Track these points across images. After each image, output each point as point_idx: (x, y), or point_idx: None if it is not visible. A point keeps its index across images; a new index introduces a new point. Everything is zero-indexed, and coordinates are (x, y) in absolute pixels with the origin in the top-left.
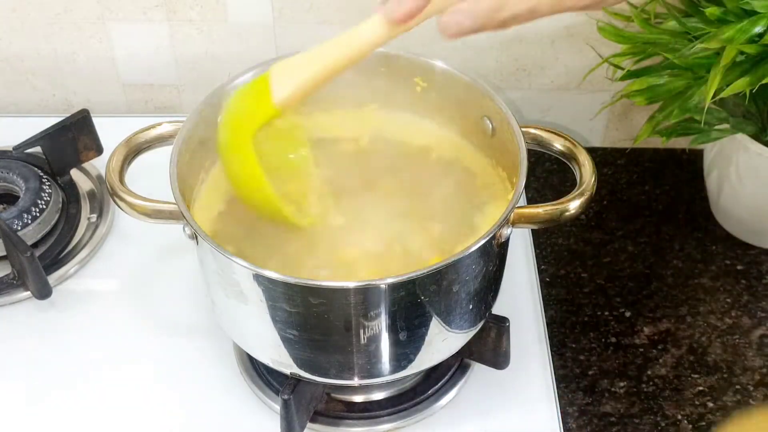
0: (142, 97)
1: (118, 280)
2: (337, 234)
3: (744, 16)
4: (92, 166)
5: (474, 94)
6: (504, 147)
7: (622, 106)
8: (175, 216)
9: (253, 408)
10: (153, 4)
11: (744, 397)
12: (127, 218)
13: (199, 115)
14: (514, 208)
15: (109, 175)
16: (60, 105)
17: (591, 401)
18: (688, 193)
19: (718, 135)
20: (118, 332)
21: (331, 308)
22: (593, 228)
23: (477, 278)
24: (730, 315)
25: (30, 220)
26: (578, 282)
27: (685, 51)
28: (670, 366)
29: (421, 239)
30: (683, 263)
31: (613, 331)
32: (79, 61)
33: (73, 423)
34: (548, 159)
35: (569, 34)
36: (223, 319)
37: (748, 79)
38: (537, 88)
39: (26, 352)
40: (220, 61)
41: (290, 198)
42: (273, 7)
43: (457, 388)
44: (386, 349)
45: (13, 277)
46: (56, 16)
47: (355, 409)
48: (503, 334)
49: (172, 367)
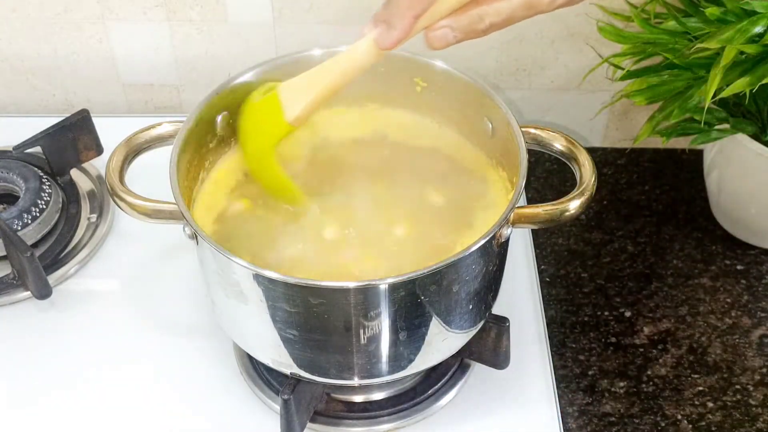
0: (142, 97)
1: (118, 280)
2: (335, 233)
3: (744, 16)
4: (92, 166)
5: (474, 94)
6: (504, 147)
7: (622, 106)
8: (175, 216)
9: (253, 408)
10: (153, 4)
11: (744, 397)
12: (127, 218)
13: (199, 115)
14: (514, 208)
15: (109, 175)
16: (60, 105)
17: (591, 401)
18: (688, 193)
19: (718, 135)
20: (118, 332)
21: (331, 308)
22: (593, 228)
23: (477, 278)
24: (730, 315)
25: (30, 220)
26: (578, 282)
27: (685, 51)
28: (670, 366)
29: (420, 239)
30: (683, 263)
31: (613, 331)
32: (79, 61)
33: (73, 423)
34: (548, 159)
35: (569, 34)
36: (223, 319)
37: (748, 79)
38: (537, 88)
39: (26, 352)
40: (220, 61)
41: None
42: (273, 7)
43: (457, 388)
44: (386, 349)
45: (13, 277)
46: (56, 16)
47: (355, 409)
48: (503, 334)
49: (172, 367)
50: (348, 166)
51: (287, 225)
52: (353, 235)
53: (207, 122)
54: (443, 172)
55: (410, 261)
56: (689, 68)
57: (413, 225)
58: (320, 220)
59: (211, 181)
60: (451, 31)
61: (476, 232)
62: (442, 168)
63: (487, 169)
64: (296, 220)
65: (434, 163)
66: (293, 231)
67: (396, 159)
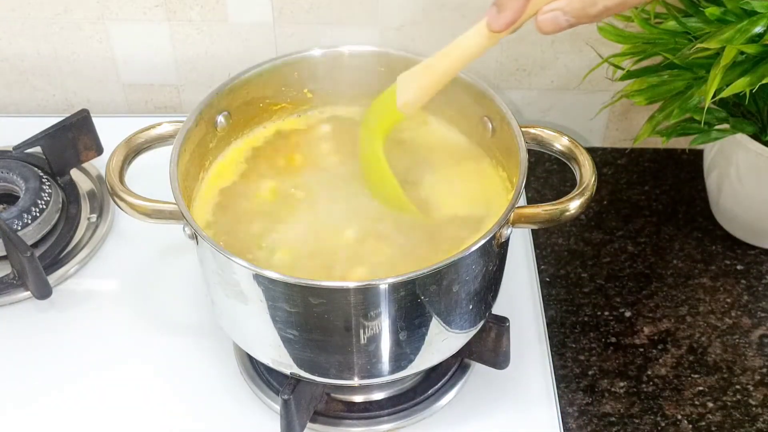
0: (142, 97)
1: (118, 280)
2: (333, 232)
3: (744, 16)
4: (92, 166)
5: (474, 94)
6: (504, 147)
7: (622, 106)
8: (175, 216)
9: (253, 408)
10: (153, 4)
11: (744, 397)
12: (127, 218)
13: (199, 115)
14: (514, 208)
15: (109, 175)
16: (60, 105)
17: (591, 401)
18: (688, 193)
19: (718, 135)
20: (118, 332)
21: (331, 308)
22: (593, 228)
23: (477, 278)
24: (730, 315)
25: (30, 220)
26: (578, 282)
27: (685, 51)
28: (670, 366)
29: (420, 238)
30: (683, 263)
31: (613, 331)
32: (79, 61)
33: (73, 423)
34: (548, 159)
35: (569, 34)
36: (223, 319)
37: (748, 79)
38: (537, 88)
39: (26, 352)
40: (220, 61)
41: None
42: (273, 7)
43: (457, 388)
44: (386, 349)
45: (13, 277)
46: (56, 16)
47: (355, 409)
48: (503, 334)
49: (172, 367)
50: (348, 165)
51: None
52: (350, 233)
53: (207, 122)
54: (443, 172)
55: (409, 260)
56: (689, 68)
57: (412, 224)
58: (321, 217)
59: (211, 180)
60: (563, 14)
61: (476, 232)
62: (442, 168)
63: (487, 169)
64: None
65: (434, 163)
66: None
67: (396, 159)
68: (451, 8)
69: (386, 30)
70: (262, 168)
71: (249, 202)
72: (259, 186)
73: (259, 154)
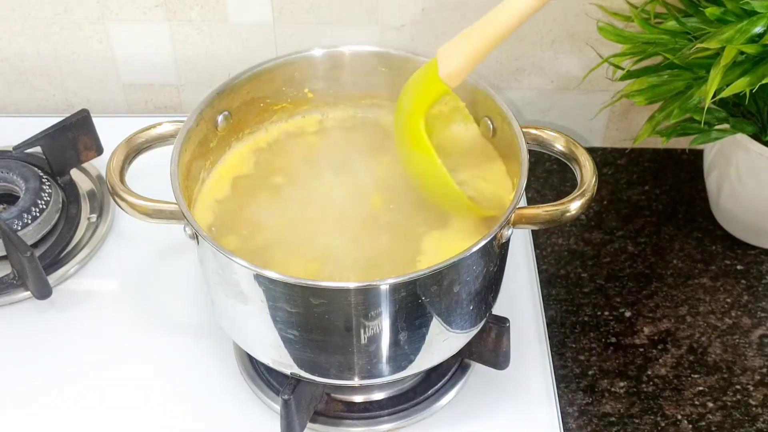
0: (142, 97)
1: (118, 280)
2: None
3: (744, 16)
4: (92, 166)
5: (474, 94)
6: (504, 147)
7: (622, 106)
8: (176, 216)
9: (253, 408)
10: (153, 4)
11: (744, 397)
12: (127, 218)
13: (200, 114)
14: (515, 209)
15: (110, 174)
16: (60, 105)
17: (591, 401)
18: (688, 193)
19: (718, 135)
20: (118, 332)
21: (331, 308)
22: (593, 228)
23: (477, 279)
24: (730, 315)
25: (30, 220)
26: (578, 282)
27: (685, 51)
28: (670, 366)
29: (421, 238)
30: (683, 263)
31: (613, 331)
32: (79, 61)
33: (73, 423)
34: (548, 159)
35: (569, 34)
36: (223, 319)
37: (748, 79)
38: (537, 88)
39: (26, 352)
40: (220, 61)
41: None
42: (273, 7)
43: (457, 388)
44: (386, 350)
45: (13, 277)
46: (56, 16)
47: (355, 409)
48: (503, 335)
49: (172, 367)
50: (348, 164)
51: (468, 210)
52: (349, 232)
53: (208, 122)
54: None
55: (409, 260)
56: (689, 68)
57: (413, 224)
58: (322, 217)
59: (211, 180)
60: None
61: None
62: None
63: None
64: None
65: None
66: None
67: (396, 159)
68: (451, 8)
69: (386, 30)
70: (263, 168)
71: (250, 202)
72: (261, 186)
73: (261, 154)
